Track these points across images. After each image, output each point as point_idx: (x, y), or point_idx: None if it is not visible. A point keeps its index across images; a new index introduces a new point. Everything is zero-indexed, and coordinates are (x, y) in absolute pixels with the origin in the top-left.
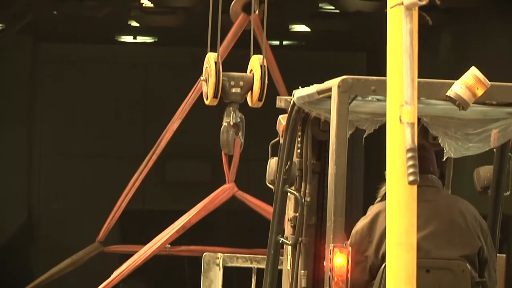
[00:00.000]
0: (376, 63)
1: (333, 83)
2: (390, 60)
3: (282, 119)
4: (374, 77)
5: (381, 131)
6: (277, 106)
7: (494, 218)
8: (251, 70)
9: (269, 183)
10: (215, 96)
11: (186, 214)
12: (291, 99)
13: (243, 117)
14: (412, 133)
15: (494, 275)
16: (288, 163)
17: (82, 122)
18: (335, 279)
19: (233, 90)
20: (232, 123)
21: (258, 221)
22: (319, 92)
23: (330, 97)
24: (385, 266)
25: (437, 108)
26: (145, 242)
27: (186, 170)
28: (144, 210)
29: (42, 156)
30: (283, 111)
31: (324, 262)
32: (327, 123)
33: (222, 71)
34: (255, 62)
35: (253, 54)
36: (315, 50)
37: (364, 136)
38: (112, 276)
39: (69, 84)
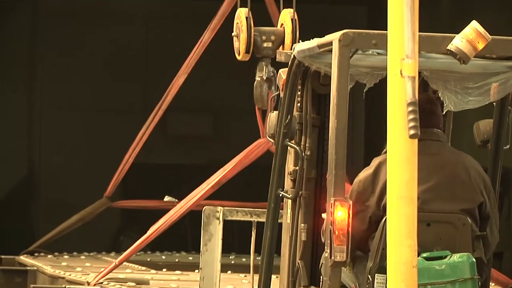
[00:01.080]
0: (377, 17)
1: (334, 37)
2: (391, 13)
3: (282, 73)
4: (375, 31)
5: (382, 85)
6: (277, 60)
7: (494, 172)
8: (282, 24)
9: (269, 136)
10: (247, 51)
11: (221, 169)
12: (292, 53)
13: (275, 71)
14: (412, 87)
15: (496, 231)
16: (288, 117)
17: (83, 76)
18: (336, 232)
19: (265, 44)
20: (265, 78)
21: (261, 175)
22: (320, 46)
23: (330, 51)
24: (386, 219)
25: (437, 62)
26: (147, 196)
27: (188, 124)
28: (146, 163)
29: (43, 110)
30: (283, 65)
31: (325, 216)
32: (327, 77)
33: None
34: (286, 16)
35: (283, 9)
36: (316, 3)
37: (364, 90)
38: (149, 233)
39: (70, 37)
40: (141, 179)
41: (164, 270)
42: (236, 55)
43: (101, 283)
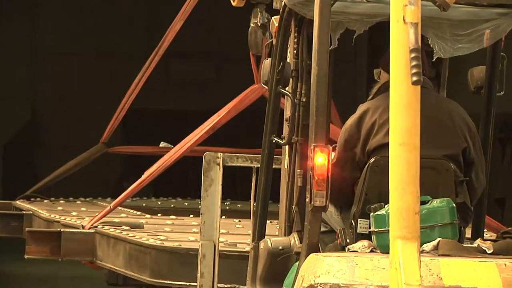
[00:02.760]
0: None
1: None
2: None
3: (275, 20)
4: None
5: (385, 31)
6: (273, 7)
7: (487, 118)
8: None
9: (263, 83)
10: None
11: (216, 114)
12: (283, 1)
13: (270, 17)
14: (415, 33)
15: (482, 177)
16: (281, 64)
17: (85, 21)
18: (316, 178)
19: None
20: (259, 24)
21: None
22: None
23: None
24: (369, 164)
25: (427, 9)
26: (149, 142)
27: (190, 70)
28: (147, 109)
29: (45, 55)
30: (278, 11)
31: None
32: None
33: None
34: None
35: None
36: None
37: (354, 37)
38: (143, 177)
39: None
40: (142, 125)
41: (159, 215)
42: (231, 1)
43: (96, 227)
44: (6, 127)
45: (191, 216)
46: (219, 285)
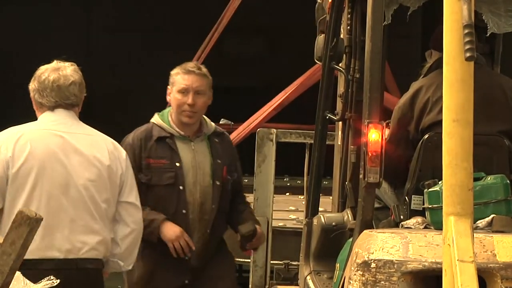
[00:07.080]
0: None
1: None
2: None
3: None
4: None
5: (439, 7)
6: None
7: None
8: None
9: (317, 59)
10: None
11: (283, 91)
12: None
13: None
14: (469, 9)
15: None
16: (335, 40)
17: None
18: (369, 154)
19: None
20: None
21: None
22: None
23: None
24: (423, 141)
25: None
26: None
27: (244, 45)
28: None
29: (99, 31)
30: None
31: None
32: None
33: None
34: None
35: None
36: None
37: (408, 13)
38: None
39: None
40: None
41: None
42: None
43: None
44: None
45: None
46: (271, 261)
